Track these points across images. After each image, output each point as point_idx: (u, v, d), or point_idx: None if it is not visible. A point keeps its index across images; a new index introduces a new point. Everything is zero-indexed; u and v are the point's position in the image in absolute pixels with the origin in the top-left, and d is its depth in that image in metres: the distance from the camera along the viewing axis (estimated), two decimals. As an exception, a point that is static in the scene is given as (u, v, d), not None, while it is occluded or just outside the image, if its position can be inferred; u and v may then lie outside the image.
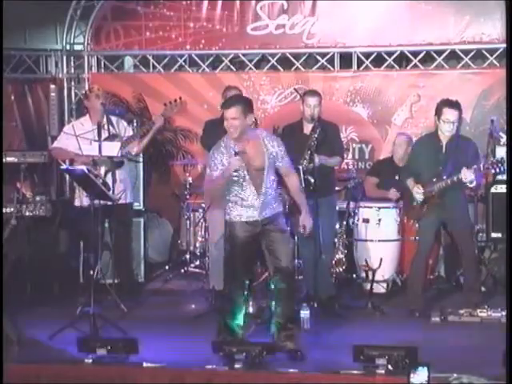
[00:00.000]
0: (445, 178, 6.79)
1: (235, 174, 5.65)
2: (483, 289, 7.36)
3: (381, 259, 7.58)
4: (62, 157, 7.48)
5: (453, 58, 9.54)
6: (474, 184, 6.83)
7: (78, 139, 7.20)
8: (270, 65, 9.87)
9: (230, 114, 5.71)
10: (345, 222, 8.12)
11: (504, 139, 8.32)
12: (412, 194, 6.98)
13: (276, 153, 5.75)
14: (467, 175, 6.64)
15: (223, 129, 7.28)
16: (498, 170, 6.74)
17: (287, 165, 5.86)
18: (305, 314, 6.30)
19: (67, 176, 9.01)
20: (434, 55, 9.50)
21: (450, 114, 6.79)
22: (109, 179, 7.14)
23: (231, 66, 10.02)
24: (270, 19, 9.71)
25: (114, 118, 7.54)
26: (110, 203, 6.79)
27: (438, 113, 6.86)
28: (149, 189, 8.91)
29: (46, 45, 10.26)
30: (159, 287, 8.29)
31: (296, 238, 7.20)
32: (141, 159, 8.21)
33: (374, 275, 7.52)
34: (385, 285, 7.72)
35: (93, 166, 7.10)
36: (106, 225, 7.29)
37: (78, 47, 10.15)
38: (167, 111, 7.58)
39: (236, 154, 5.64)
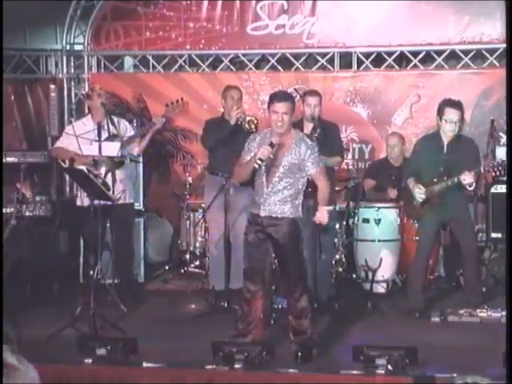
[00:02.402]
0: (445, 178, 6.78)
1: (259, 163, 5.57)
2: (483, 289, 7.36)
3: (381, 259, 7.58)
4: (62, 157, 7.48)
5: (453, 58, 9.55)
6: (473, 187, 6.82)
7: (78, 139, 7.20)
8: (270, 65, 9.88)
9: (282, 107, 5.60)
10: (345, 222, 8.12)
11: (504, 139, 8.32)
12: (412, 193, 6.97)
13: (303, 158, 5.62)
14: (467, 178, 6.64)
15: (223, 128, 7.34)
16: (498, 172, 6.73)
17: (316, 170, 5.69)
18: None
19: (67, 176, 9.02)
20: (434, 55, 9.50)
21: (452, 114, 6.78)
22: (109, 179, 7.13)
23: (231, 66, 10.02)
24: (270, 19, 9.71)
25: (115, 118, 7.54)
26: (110, 203, 6.79)
27: (440, 112, 6.84)
28: (149, 189, 8.91)
29: (46, 45, 10.27)
30: (159, 287, 8.29)
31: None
32: (141, 159, 8.21)
33: (373, 275, 7.52)
34: (385, 285, 7.72)
35: (93, 165, 7.09)
36: (108, 225, 7.30)
37: (77, 47, 10.15)
38: (168, 112, 7.56)
39: (271, 145, 5.56)
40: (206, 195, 7.56)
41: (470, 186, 6.73)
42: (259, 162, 5.56)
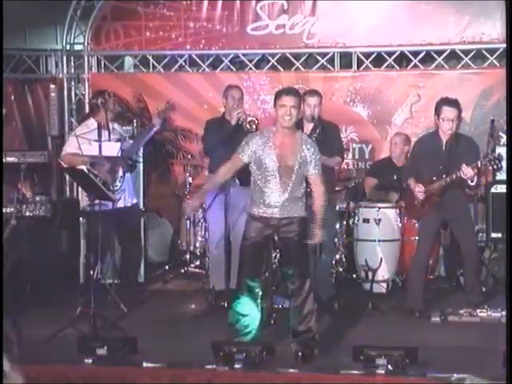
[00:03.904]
0: (445, 176, 6.79)
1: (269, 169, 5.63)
2: (483, 289, 7.36)
3: (381, 259, 7.58)
4: (76, 163, 7.34)
5: (453, 58, 9.55)
6: (475, 181, 6.81)
7: (77, 139, 7.20)
8: (270, 65, 9.88)
9: (290, 101, 5.62)
10: (345, 222, 8.13)
11: (504, 139, 8.33)
12: (413, 193, 6.97)
13: (308, 158, 5.65)
14: (467, 172, 6.62)
15: (224, 128, 7.33)
16: (495, 166, 6.73)
17: (315, 173, 5.71)
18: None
19: (67, 176, 9.02)
20: (434, 55, 9.50)
21: (448, 112, 6.80)
22: (109, 179, 7.13)
23: (231, 66, 10.02)
24: (270, 19, 9.71)
25: (114, 125, 7.54)
26: (111, 204, 6.80)
27: (438, 111, 6.87)
28: (149, 189, 8.91)
29: (46, 45, 10.28)
30: (159, 287, 8.30)
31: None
32: (141, 159, 8.21)
33: (374, 275, 7.53)
34: (385, 285, 7.73)
35: (109, 168, 7.08)
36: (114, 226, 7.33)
37: (78, 47, 10.15)
38: (163, 113, 7.58)
39: None
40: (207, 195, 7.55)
41: (471, 181, 6.71)
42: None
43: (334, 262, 7.80)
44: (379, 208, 7.78)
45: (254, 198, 5.78)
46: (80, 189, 7.37)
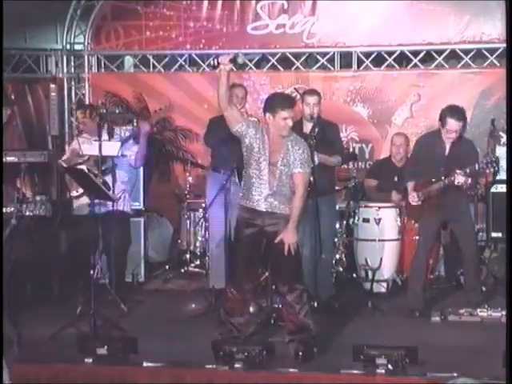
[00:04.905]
0: (443, 178, 6.79)
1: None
2: (483, 288, 7.36)
3: (381, 259, 7.58)
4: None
5: (453, 57, 9.55)
6: (467, 186, 6.81)
7: (78, 140, 7.21)
8: (270, 64, 9.88)
9: (290, 113, 5.72)
10: (345, 222, 8.13)
11: (504, 139, 8.33)
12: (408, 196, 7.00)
13: (291, 156, 5.68)
14: (459, 179, 6.66)
15: (227, 127, 7.31)
16: (493, 169, 6.73)
17: (299, 173, 5.69)
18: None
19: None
20: (434, 55, 9.50)
21: (453, 125, 6.74)
22: (109, 179, 7.12)
23: (231, 66, 10.00)
24: (271, 19, 9.71)
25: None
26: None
27: (442, 121, 6.80)
28: (149, 189, 8.91)
29: (46, 44, 10.27)
30: (159, 287, 8.30)
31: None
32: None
33: (374, 275, 7.52)
34: (385, 284, 7.72)
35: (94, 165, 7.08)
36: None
37: (78, 47, 10.15)
38: (153, 118, 7.61)
39: None
40: (208, 193, 7.56)
41: (463, 186, 6.73)
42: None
43: (334, 262, 7.80)
44: (379, 208, 7.78)
45: (242, 192, 5.82)
46: (70, 191, 7.36)
